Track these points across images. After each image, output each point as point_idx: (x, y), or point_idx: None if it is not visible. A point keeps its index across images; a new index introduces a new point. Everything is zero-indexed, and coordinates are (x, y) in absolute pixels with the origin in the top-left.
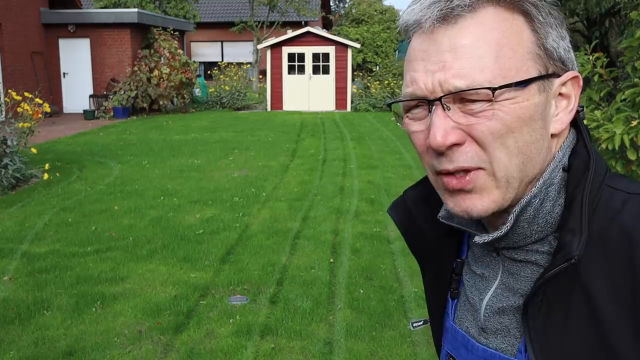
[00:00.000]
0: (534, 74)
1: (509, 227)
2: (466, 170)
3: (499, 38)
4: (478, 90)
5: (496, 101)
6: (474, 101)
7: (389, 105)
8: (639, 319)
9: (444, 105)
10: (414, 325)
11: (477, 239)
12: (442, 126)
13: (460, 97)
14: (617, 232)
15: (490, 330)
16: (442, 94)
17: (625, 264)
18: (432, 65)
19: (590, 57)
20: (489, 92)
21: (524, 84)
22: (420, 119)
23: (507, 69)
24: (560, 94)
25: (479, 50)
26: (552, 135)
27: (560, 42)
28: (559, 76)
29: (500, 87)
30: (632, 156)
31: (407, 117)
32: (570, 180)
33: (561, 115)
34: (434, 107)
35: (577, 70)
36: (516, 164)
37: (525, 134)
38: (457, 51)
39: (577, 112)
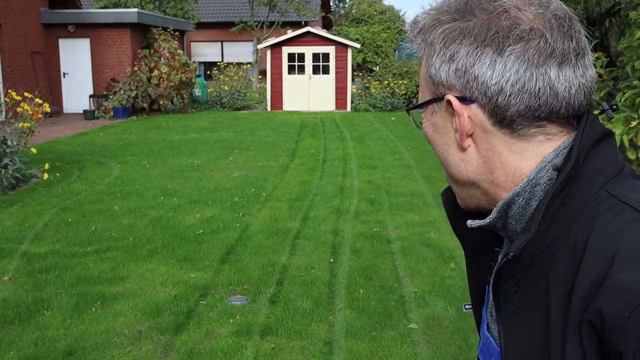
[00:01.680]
0: (427, 99)
1: (491, 219)
2: None
3: (421, 71)
4: None
5: (423, 118)
6: None
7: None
8: (566, 332)
9: None
10: (467, 307)
11: (469, 222)
12: None
13: None
14: (583, 238)
15: (493, 316)
16: None
17: (574, 273)
18: None
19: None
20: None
21: (420, 107)
22: None
23: (421, 94)
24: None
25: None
26: (464, 149)
27: (443, 66)
28: (442, 98)
29: (407, 109)
30: (631, 156)
31: None
32: (555, 182)
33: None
34: None
35: (479, 87)
36: (443, 167)
37: (435, 146)
38: None
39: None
